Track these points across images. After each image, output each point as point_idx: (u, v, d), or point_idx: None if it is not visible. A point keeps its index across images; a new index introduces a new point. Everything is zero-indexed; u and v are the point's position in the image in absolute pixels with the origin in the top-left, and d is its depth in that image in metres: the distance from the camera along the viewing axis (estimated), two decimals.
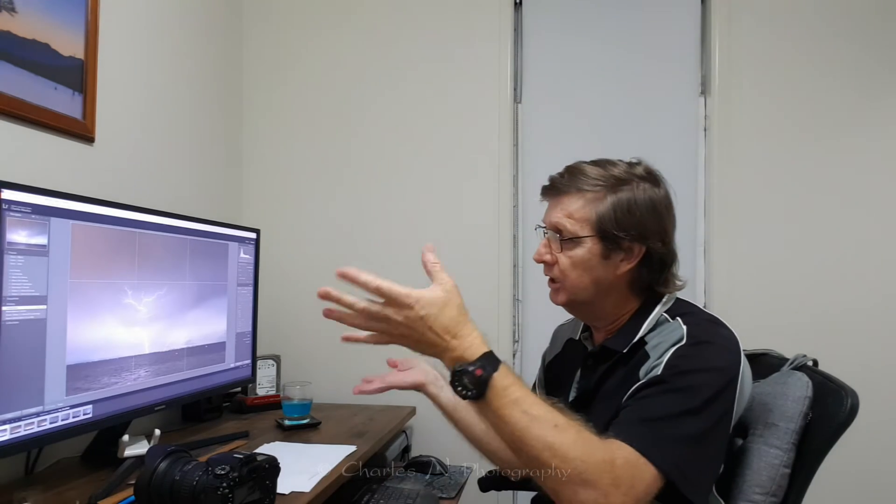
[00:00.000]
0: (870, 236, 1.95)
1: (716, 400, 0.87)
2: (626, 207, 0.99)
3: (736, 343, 0.94)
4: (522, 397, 0.81)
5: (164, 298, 1.39)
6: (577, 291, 1.02)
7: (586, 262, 1.00)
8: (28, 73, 1.25)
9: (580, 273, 1.00)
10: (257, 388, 1.93)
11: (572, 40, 2.11)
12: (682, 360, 0.89)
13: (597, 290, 1.01)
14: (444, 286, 0.87)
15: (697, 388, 0.86)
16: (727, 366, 0.90)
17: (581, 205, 1.00)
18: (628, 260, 1.00)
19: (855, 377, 0.97)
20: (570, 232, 1.00)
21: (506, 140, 2.08)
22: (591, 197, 1.00)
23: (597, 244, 0.99)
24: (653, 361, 0.92)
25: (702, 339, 0.91)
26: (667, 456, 0.81)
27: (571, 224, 1.00)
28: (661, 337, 0.95)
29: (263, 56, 2.20)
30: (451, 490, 1.49)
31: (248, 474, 0.90)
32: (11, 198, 1.01)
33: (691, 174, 2.04)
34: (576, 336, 1.17)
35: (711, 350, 0.91)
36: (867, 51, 1.96)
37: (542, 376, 1.27)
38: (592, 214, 0.99)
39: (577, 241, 0.99)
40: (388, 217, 2.13)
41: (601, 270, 1.00)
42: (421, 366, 1.23)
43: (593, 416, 1.01)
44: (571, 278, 1.01)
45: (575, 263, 1.00)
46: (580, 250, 1.00)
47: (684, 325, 0.94)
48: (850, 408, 0.89)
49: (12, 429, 1.02)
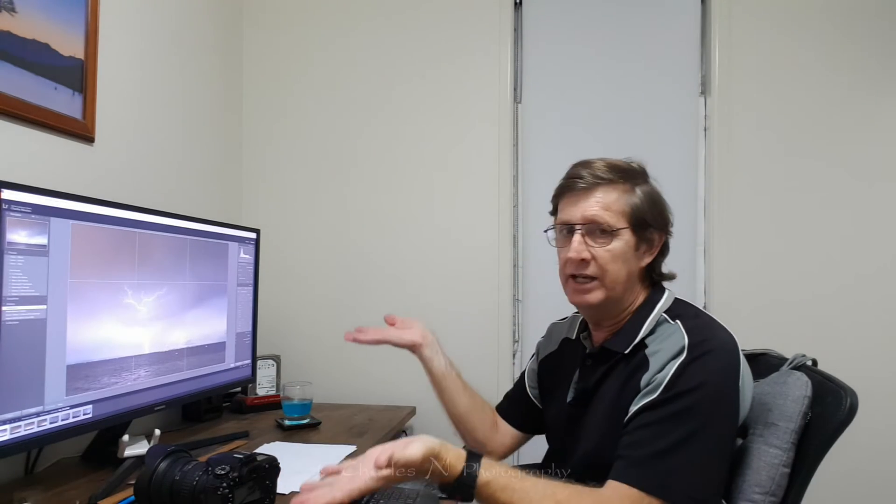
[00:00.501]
0: (870, 236, 1.94)
1: (716, 413, 0.88)
2: (651, 199, 1.01)
3: (735, 347, 0.94)
4: (515, 485, 0.81)
5: (164, 298, 1.39)
6: (615, 286, 1.00)
7: (624, 255, 0.99)
8: (28, 73, 1.25)
9: (619, 266, 0.99)
10: (257, 388, 1.93)
11: (572, 40, 2.11)
12: (681, 379, 0.89)
13: (628, 285, 1.01)
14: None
15: (698, 406, 0.87)
16: (727, 374, 0.90)
17: (616, 196, 1.00)
18: (650, 251, 1.02)
19: (854, 377, 0.97)
20: (610, 224, 0.98)
21: (506, 140, 2.08)
22: (622, 189, 1.00)
23: (632, 236, 1.00)
24: (652, 374, 0.92)
25: (701, 352, 0.91)
26: (676, 490, 0.83)
27: (610, 216, 0.99)
28: (662, 343, 0.95)
29: (263, 56, 2.20)
30: None
31: (248, 474, 0.89)
32: (11, 198, 1.01)
33: (691, 174, 2.04)
34: (572, 336, 1.17)
35: (711, 360, 0.90)
36: (868, 51, 1.96)
37: (536, 368, 1.26)
38: (627, 206, 1.00)
39: (616, 233, 0.99)
40: (388, 217, 2.13)
41: (633, 263, 1.01)
42: (419, 327, 1.22)
43: (591, 416, 1.02)
44: (612, 272, 0.99)
45: (615, 256, 0.99)
46: (618, 243, 0.99)
47: (685, 332, 0.94)
48: (849, 407, 0.89)
49: (12, 429, 1.02)
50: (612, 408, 0.97)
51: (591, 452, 0.99)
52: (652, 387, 0.91)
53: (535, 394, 1.26)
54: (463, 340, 2.05)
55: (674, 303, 1.03)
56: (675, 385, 0.88)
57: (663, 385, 0.89)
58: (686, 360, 0.90)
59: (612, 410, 0.97)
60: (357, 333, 1.17)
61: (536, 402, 1.25)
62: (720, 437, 0.88)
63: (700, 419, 0.86)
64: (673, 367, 0.90)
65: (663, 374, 0.90)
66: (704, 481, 0.86)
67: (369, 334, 1.17)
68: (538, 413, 1.24)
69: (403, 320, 1.23)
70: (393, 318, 1.23)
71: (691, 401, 0.87)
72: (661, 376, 0.90)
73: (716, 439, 0.87)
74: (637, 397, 0.92)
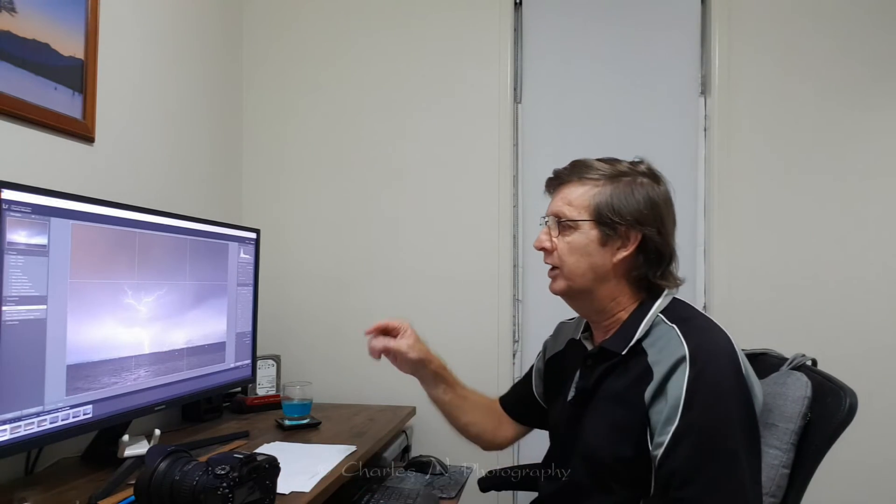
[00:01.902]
0: (870, 236, 1.94)
1: (739, 419, 0.88)
2: (623, 196, 1.01)
3: (733, 348, 0.93)
4: None
5: (164, 298, 1.39)
6: (575, 278, 1.03)
7: (584, 248, 1.02)
8: (28, 73, 1.25)
9: (577, 258, 1.02)
10: (257, 388, 1.93)
11: (572, 40, 2.11)
12: (696, 397, 0.88)
13: (594, 277, 1.03)
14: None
15: (723, 421, 0.87)
16: (735, 376, 0.90)
17: (581, 192, 1.03)
18: (625, 247, 1.02)
19: (854, 377, 0.97)
20: (569, 217, 1.03)
21: (506, 140, 2.08)
22: (591, 185, 1.03)
23: (594, 229, 1.01)
24: (657, 384, 0.91)
25: (704, 361, 0.90)
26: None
27: (570, 210, 1.03)
28: (661, 348, 0.95)
29: (263, 56, 2.20)
30: (451, 490, 1.49)
31: (248, 474, 0.90)
32: (11, 198, 1.01)
33: (691, 174, 2.04)
34: (577, 336, 1.18)
35: (716, 367, 0.90)
36: (868, 50, 1.95)
37: (542, 367, 1.28)
38: (591, 201, 1.02)
39: (575, 225, 1.02)
40: (388, 217, 2.13)
41: (598, 257, 1.02)
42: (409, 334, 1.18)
43: (591, 417, 1.02)
44: (569, 263, 1.03)
45: (572, 248, 1.03)
46: (578, 235, 1.02)
47: (683, 339, 0.93)
48: (848, 407, 0.89)
49: (12, 429, 1.02)
50: (612, 411, 0.97)
51: (590, 453, 1.00)
52: (669, 411, 0.89)
53: (539, 392, 1.27)
54: (463, 340, 2.05)
55: (671, 303, 1.03)
56: (692, 404, 0.88)
57: (681, 408, 0.88)
58: (693, 375, 0.89)
59: (612, 414, 0.97)
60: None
61: (540, 401, 1.27)
62: (751, 445, 0.89)
63: (729, 433, 0.87)
64: (683, 385, 0.89)
65: (674, 391, 0.89)
66: (754, 495, 0.88)
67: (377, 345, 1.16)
68: (542, 410, 1.26)
69: (389, 327, 1.18)
70: (379, 328, 1.18)
71: (714, 417, 0.87)
72: (673, 396, 0.89)
73: (748, 447, 0.88)
74: (652, 417, 0.91)
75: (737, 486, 0.86)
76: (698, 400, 0.88)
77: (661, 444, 0.89)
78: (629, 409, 0.94)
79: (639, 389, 0.93)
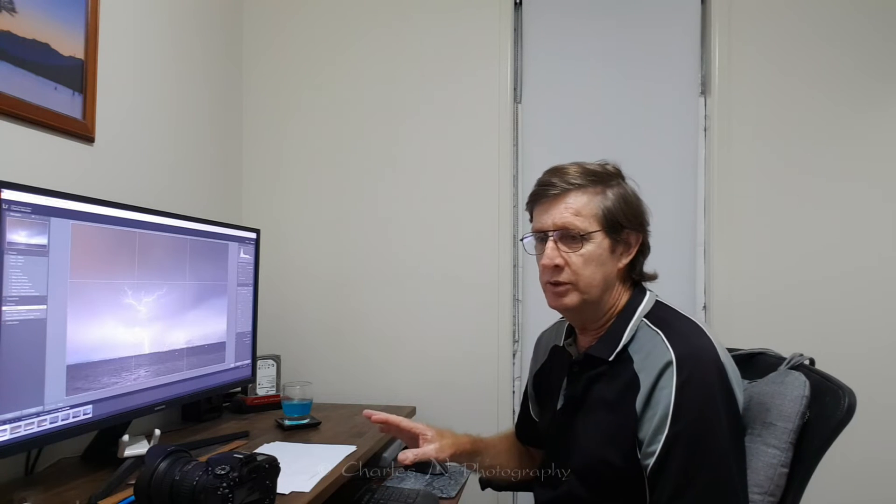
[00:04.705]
0: (869, 236, 1.94)
1: (727, 424, 0.89)
2: (625, 200, 1.01)
3: (716, 353, 0.93)
4: None
5: (164, 298, 1.39)
6: (591, 290, 1.00)
7: (598, 258, 0.99)
8: (28, 73, 1.25)
9: (593, 270, 0.99)
10: (257, 388, 1.93)
11: (572, 40, 2.11)
12: (685, 405, 0.88)
13: (604, 287, 1.01)
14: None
15: (711, 428, 0.88)
16: (720, 381, 0.91)
17: (586, 201, 1.00)
18: (628, 252, 1.02)
19: (852, 376, 0.97)
20: (581, 229, 0.99)
21: (506, 140, 2.08)
22: (592, 193, 1.01)
23: (605, 238, 1.00)
24: (645, 394, 0.91)
25: (690, 367, 0.90)
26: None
27: (581, 221, 0.99)
28: (647, 354, 0.95)
29: (263, 56, 2.20)
30: (451, 490, 1.49)
31: (248, 474, 0.90)
32: (11, 198, 1.01)
33: (691, 174, 2.04)
34: (560, 342, 1.16)
35: (702, 373, 0.90)
36: (867, 51, 1.95)
37: (532, 391, 1.26)
38: (599, 209, 1.00)
39: (588, 237, 0.99)
40: (388, 217, 2.13)
41: (610, 265, 1.01)
42: (431, 435, 1.11)
43: (581, 426, 1.01)
44: (585, 277, 0.99)
45: (587, 261, 0.99)
46: (591, 246, 0.99)
47: (668, 344, 0.93)
48: (847, 407, 0.89)
49: (12, 429, 1.02)
50: (602, 419, 0.97)
51: (583, 461, 0.99)
52: (658, 420, 0.90)
53: (536, 412, 1.26)
54: (463, 340, 2.05)
55: (654, 306, 1.03)
56: (680, 413, 0.88)
57: (670, 417, 0.88)
58: (679, 384, 0.89)
59: (603, 422, 0.97)
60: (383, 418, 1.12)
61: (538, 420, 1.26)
62: (738, 445, 0.91)
63: (719, 434, 0.88)
64: (671, 394, 0.89)
65: (662, 400, 0.90)
66: (744, 489, 0.90)
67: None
68: None
69: (413, 432, 1.11)
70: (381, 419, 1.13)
71: (704, 426, 0.88)
72: (662, 405, 0.89)
73: (736, 447, 0.90)
74: (642, 426, 0.92)
75: (729, 490, 0.87)
76: (686, 408, 0.88)
77: (652, 454, 0.89)
78: (620, 417, 0.94)
79: (628, 398, 0.93)
